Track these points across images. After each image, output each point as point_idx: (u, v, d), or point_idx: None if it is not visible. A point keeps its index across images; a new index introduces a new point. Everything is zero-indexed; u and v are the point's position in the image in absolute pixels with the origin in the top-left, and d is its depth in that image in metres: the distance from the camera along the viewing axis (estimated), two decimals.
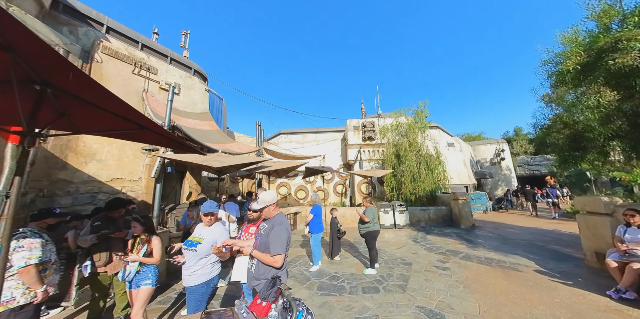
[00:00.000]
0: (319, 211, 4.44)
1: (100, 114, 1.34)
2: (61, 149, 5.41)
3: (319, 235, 4.27)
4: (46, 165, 5.07)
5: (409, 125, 10.58)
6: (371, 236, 4.10)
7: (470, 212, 7.48)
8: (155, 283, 2.09)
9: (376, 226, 4.15)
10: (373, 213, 4.14)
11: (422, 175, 9.51)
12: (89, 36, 6.16)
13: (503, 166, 16.06)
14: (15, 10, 4.66)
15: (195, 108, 9.43)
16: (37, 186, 4.83)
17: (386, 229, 7.44)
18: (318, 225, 4.37)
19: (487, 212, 10.72)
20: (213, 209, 2.13)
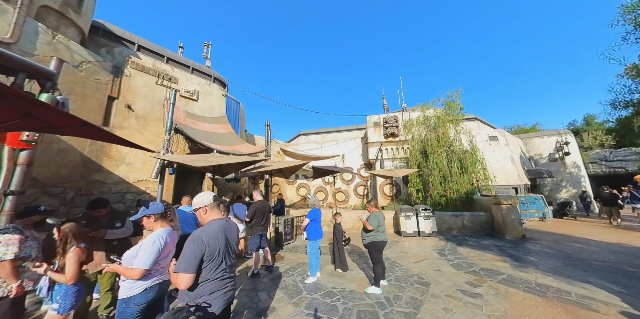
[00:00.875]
0: (317, 216, 3.90)
1: None
2: (97, 154, 6.04)
3: (316, 243, 3.72)
4: (84, 168, 5.73)
5: (438, 118, 9.23)
6: (375, 248, 3.38)
7: (519, 220, 5.98)
8: (65, 309, 1.73)
9: (382, 236, 3.42)
10: (378, 219, 3.42)
11: (455, 174, 8.12)
12: (122, 54, 7.00)
13: (567, 163, 12.99)
14: (60, 38, 5.32)
15: (213, 112, 9.79)
16: (77, 186, 5.54)
17: (408, 237, 6.45)
18: (316, 231, 3.83)
19: (545, 220, 8.64)
20: (152, 210, 1.78)
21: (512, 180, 10.60)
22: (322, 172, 7.05)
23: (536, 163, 13.82)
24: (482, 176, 8.25)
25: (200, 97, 9.31)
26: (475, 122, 13.57)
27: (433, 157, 8.49)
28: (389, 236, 6.67)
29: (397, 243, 5.85)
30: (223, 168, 5.01)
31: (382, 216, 3.53)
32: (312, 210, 3.81)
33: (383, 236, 3.43)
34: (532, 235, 6.29)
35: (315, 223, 3.75)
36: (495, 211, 6.32)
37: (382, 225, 3.46)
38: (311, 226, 3.74)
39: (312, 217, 3.76)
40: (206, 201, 1.62)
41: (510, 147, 11.37)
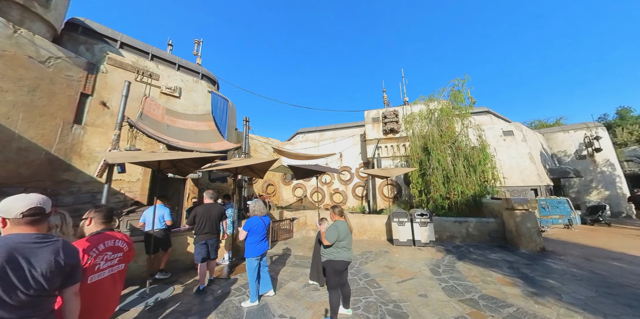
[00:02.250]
0: (257, 226, 3.07)
1: None
2: (66, 152, 5.70)
3: (251, 260, 2.97)
4: (50, 167, 5.41)
5: (442, 110, 8.18)
6: (332, 270, 2.58)
7: (537, 229, 4.89)
8: None
9: (342, 254, 2.61)
10: (339, 232, 2.62)
11: (460, 173, 7.07)
12: (103, 51, 6.77)
13: (598, 161, 11.31)
14: (23, 32, 5.01)
15: (197, 109, 9.37)
16: (41, 186, 5.22)
17: (401, 246, 5.54)
18: (252, 245, 3.02)
19: (571, 227, 7.33)
20: None
21: (530, 180, 9.27)
22: (304, 172, 6.30)
23: (560, 162, 12.21)
24: (490, 176, 7.12)
25: (183, 94, 8.92)
26: (487, 116, 12.23)
27: (435, 153, 7.47)
28: (380, 245, 5.82)
29: (385, 254, 4.98)
30: (179, 166, 4.41)
31: (347, 228, 2.72)
32: (250, 220, 3.05)
33: (345, 254, 2.61)
34: (555, 247, 5.16)
35: (254, 236, 3.00)
36: (507, 218, 5.25)
37: (345, 239, 2.64)
38: (249, 239, 3.00)
39: (249, 228, 3.00)
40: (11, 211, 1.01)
41: (528, 143, 10.01)
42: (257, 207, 3.12)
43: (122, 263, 1.73)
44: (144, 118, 6.79)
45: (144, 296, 3.31)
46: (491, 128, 10.61)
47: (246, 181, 7.16)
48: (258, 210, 3.11)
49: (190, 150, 5.40)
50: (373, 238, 6.47)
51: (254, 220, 3.03)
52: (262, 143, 13.92)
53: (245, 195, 7.97)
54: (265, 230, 3.15)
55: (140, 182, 7.01)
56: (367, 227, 6.61)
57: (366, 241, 6.22)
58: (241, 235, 3.00)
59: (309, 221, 7.33)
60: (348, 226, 2.72)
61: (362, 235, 6.64)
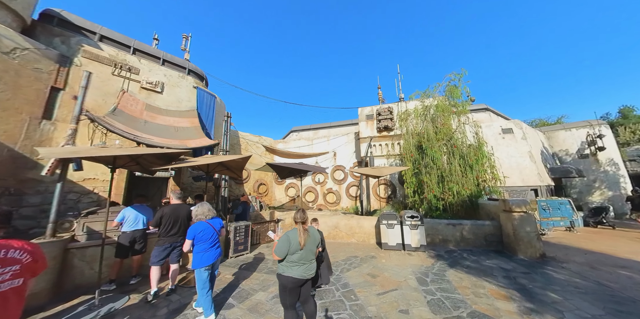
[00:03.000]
0: (204, 233, 2.62)
1: None
2: (32, 149, 5.30)
3: (200, 272, 2.56)
4: (14, 165, 5.04)
5: (437, 106, 7.76)
6: (281, 286, 2.16)
7: (537, 233, 4.47)
8: None
9: (293, 270, 2.14)
10: (290, 244, 2.18)
11: (455, 172, 6.65)
12: (80, 44, 6.47)
13: (601, 160, 10.87)
14: None
15: (181, 105, 8.98)
16: (3, 185, 4.82)
17: (390, 251, 5.13)
18: (200, 254, 2.59)
19: (574, 230, 6.91)
20: None
21: (530, 180, 8.85)
22: (288, 171, 5.90)
23: (561, 161, 11.77)
24: (489, 175, 6.71)
25: (165, 89, 8.55)
26: (486, 113, 11.80)
27: (429, 151, 7.05)
28: (368, 249, 5.37)
29: (371, 260, 4.58)
30: (142, 163, 4.01)
31: (300, 238, 2.21)
32: (193, 226, 2.61)
33: (295, 271, 2.13)
34: (556, 252, 4.74)
35: (202, 243, 2.59)
36: (505, 221, 4.84)
37: (297, 253, 2.17)
38: (196, 248, 2.58)
39: (193, 235, 2.57)
40: None
41: (528, 141, 9.58)
42: (201, 210, 2.71)
43: (18, 277, 1.35)
44: (118, 113, 6.39)
45: (92, 308, 2.93)
46: (490, 126, 10.19)
47: (226, 181, 6.75)
48: (202, 214, 2.70)
49: (161, 146, 5.00)
50: (362, 241, 6.07)
51: (198, 226, 2.62)
52: (254, 142, 13.52)
53: (223, 195, 7.57)
54: (217, 235, 2.74)
55: (115, 181, 6.64)
56: (355, 230, 6.21)
57: (354, 245, 5.82)
58: (185, 245, 2.59)
59: None
60: (300, 236, 2.23)
61: (350, 238, 6.24)
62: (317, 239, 2.40)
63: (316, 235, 2.42)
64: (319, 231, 3.85)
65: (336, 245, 5.86)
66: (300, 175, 5.93)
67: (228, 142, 6.76)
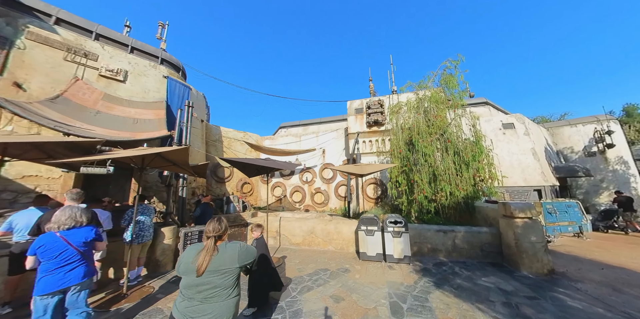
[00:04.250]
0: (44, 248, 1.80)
1: None
2: None
3: (36, 301, 1.71)
4: None
5: (431, 97, 6.94)
6: None
7: (544, 244, 3.66)
8: None
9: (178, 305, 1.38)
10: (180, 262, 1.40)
11: (449, 171, 5.84)
12: (26, 26, 5.79)
13: (610, 158, 10.05)
14: None
15: (147, 96, 8.17)
16: None
17: (368, 262, 4.32)
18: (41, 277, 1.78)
19: (583, 236, 6.10)
20: None
21: (533, 179, 8.03)
22: (255, 169, 5.09)
23: (566, 159, 10.95)
24: (487, 174, 5.89)
25: (130, 78, 7.75)
26: (485, 108, 10.97)
27: (420, 146, 6.23)
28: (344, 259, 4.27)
29: (342, 275, 3.77)
30: (57, 156, 3.22)
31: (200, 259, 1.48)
32: (38, 239, 1.79)
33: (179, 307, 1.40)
34: (567, 266, 3.93)
35: (46, 262, 1.76)
36: (505, 228, 4.02)
37: (190, 278, 1.43)
38: (40, 267, 1.76)
39: (33, 251, 1.74)
40: None
41: (531, 137, 8.76)
42: (56, 218, 1.90)
43: None
44: (60, 101, 5.59)
45: None
46: (489, 121, 9.37)
47: (185, 179, 5.94)
48: (55, 222, 1.88)
49: (93, 137, 4.18)
50: (340, 249, 5.27)
51: (42, 239, 1.79)
52: (237, 139, 12.69)
53: (181, 195, 6.75)
54: (72, 252, 1.91)
55: (62, 179, 5.84)
56: (333, 235, 5.41)
57: (330, 254, 5.02)
58: (27, 263, 1.77)
59: (273, 226, 6.12)
60: (202, 256, 1.50)
61: (327, 245, 5.44)
62: (236, 261, 1.57)
63: (238, 254, 1.60)
64: (263, 243, 3.04)
65: (309, 254, 5.06)
66: (268, 173, 5.11)
67: (189, 135, 5.94)
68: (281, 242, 5.98)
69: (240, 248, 1.64)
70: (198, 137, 9.67)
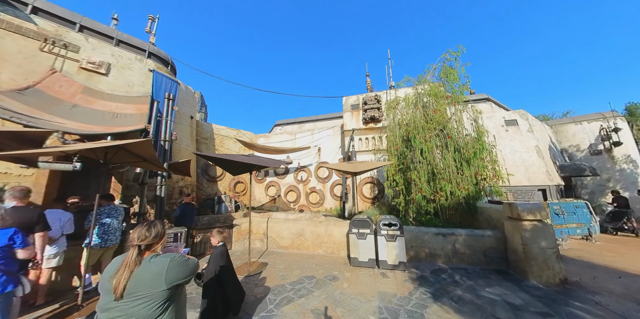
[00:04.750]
0: None
1: None
2: None
3: None
4: None
5: (430, 90, 6.53)
6: None
7: (556, 250, 3.25)
8: None
9: None
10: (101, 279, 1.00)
11: (449, 168, 5.44)
12: None
13: (617, 157, 9.64)
14: None
15: (131, 90, 7.75)
16: None
17: (360, 268, 3.92)
18: None
19: (592, 239, 5.71)
20: None
21: (538, 178, 7.62)
22: (238, 166, 4.68)
23: (571, 158, 10.54)
24: (490, 172, 5.48)
25: (113, 71, 7.35)
26: (487, 104, 10.56)
27: (418, 142, 5.82)
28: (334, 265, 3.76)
29: (330, 284, 3.37)
30: (4, 148, 2.81)
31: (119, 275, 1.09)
32: None
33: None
34: (580, 274, 3.53)
35: None
36: (511, 232, 3.61)
37: (107, 299, 1.03)
38: None
39: None
40: None
41: (535, 134, 8.35)
42: None
43: None
44: (30, 93, 5.17)
45: None
46: (491, 118, 8.96)
47: (164, 177, 5.54)
48: None
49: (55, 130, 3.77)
50: (330, 253, 4.87)
51: None
52: (230, 137, 12.28)
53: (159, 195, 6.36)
54: None
55: (34, 177, 5.42)
56: (323, 239, 5.00)
57: (319, 258, 4.62)
58: None
59: (260, 227, 5.72)
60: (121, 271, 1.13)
61: (317, 249, 5.03)
62: (163, 281, 1.16)
63: (166, 272, 1.19)
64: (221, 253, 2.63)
65: (297, 258, 4.66)
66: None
67: (169, 129, 5.53)
68: (268, 245, 5.58)
69: (170, 262, 1.23)
70: (187, 134, 9.27)
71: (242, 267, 4.23)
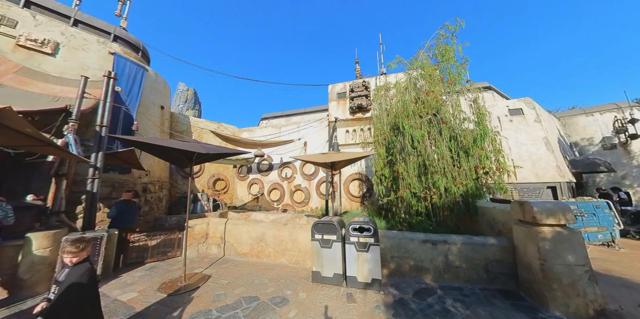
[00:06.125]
0: None
1: None
2: None
3: None
4: None
5: (424, 71, 5.57)
6: None
7: (588, 268, 2.30)
8: None
9: None
10: None
11: (444, 160, 4.48)
12: None
13: (634, 151, 8.66)
14: None
15: (86, 74, 6.81)
16: None
17: (323, 287, 2.97)
18: None
19: (615, 245, 4.74)
20: None
21: (547, 174, 6.65)
22: (185, 156, 3.73)
23: (581, 152, 9.56)
24: (494, 164, 4.52)
25: (62, 52, 6.47)
26: (489, 93, 9.57)
27: (407, 128, 4.86)
28: (292, 281, 2.96)
29: (273, 311, 2.43)
30: None
31: None
32: None
33: None
34: (618, 298, 2.57)
35: None
36: (523, 240, 2.66)
37: None
38: None
39: None
40: None
41: (543, 124, 7.37)
42: None
43: None
44: None
45: None
46: (493, 106, 7.98)
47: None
48: None
49: None
50: (294, 263, 3.92)
51: None
52: (210, 130, 11.34)
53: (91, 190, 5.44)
54: None
55: None
56: (287, 245, 4.06)
57: (279, 270, 3.68)
58: None
59: (218, 230, 4.77)
60: None
61: (279, 257, 4.08)
62: None
63: None
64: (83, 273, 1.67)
65: (252, 269, 3.73)
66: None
67: (106, 113, 4.57)
68: (226, 251, 4.65)
69: None
70: (155, 125, 8.34)
71: (175, 281, 3.31)
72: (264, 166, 11.12)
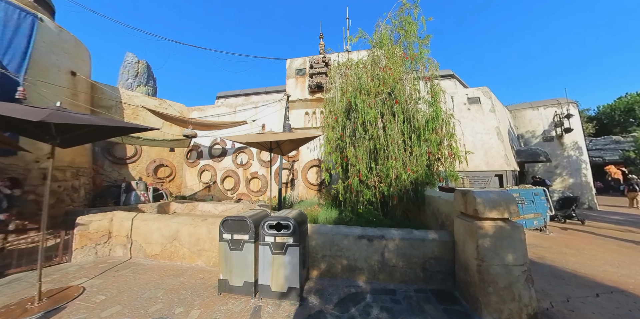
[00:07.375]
0: None
1: None
2: None
3: None
4: None
5: (381, 41, 4.88)
6: None
7: (527, 268, 1.99)
8: None
9: None
10: None
11: (395, 144, 4.01)
12: None
13: (567, 143, 9.54)
14: None
15: None
16: None
17: (229, 298, 2.31)
18: None
19: (546, 230, 4.98)
20: None
21: (496, 163, 6.83)
22: (84, 131, 2.56)
23: (526, 144, 10.30)
24: (446, 150, 4.21)
25: None
26: (451, 81, 9.51)
27: (361, 110, 4.24)
28: (202, 287, 2.08)
29: None
30: None
31: None
32: None
33: None
34: (548, 291, 2.41)
35: None
36: (463, 236, 2.28)
37: None
38: None
39: None
40: None
41: (497, 115, 7.49)
42: None
43: None
44: None
45: None
46: (455, 95, 7.84)
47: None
48: None
49: None
50: (212, 266, 3.19)
51: None
52: (149, 108, 9.43)
53: None
54: None
55: None
56: (204, 244, 3.28)
57: (188, 276, 2.91)
58: None
59: (123, 227, 3.73)
60: None
61: (195, 259, 3.31)
62: None
63: None
64: None
65: (158, 274, 2.90)
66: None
67: None
68: (133, 253, 3.69)
69: None
70: (62, 95, 6.44)
71: (23, 303, 2.33)
72: (216, 151, 9.86)
